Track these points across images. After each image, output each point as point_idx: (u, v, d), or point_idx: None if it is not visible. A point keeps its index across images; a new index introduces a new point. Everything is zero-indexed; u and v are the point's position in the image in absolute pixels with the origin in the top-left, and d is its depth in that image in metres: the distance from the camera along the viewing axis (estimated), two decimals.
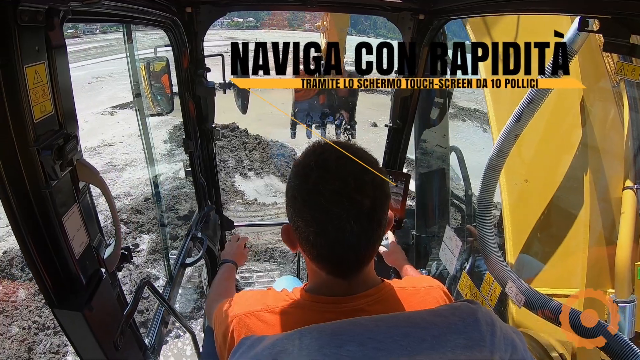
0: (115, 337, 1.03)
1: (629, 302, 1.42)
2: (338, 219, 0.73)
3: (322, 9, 1.78)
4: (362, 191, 0.74)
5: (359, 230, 0.74)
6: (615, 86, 1.71)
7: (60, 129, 0.82)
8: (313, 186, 0.76)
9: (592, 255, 1.60)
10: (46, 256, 0.84)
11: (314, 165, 0.78)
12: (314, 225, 0.76)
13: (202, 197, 2.32)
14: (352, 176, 0.75)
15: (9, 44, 0.67)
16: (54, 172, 0.79)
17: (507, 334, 0.71)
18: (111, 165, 9.63)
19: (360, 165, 0.76)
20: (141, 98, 1.70)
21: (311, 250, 0.80)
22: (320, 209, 0.75)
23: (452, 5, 1.60)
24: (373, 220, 0.76)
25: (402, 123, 2.18)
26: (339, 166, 0.76)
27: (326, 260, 0.80)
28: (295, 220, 0.79)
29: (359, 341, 0.65)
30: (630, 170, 1.55)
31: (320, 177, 0.76)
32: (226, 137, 10.77)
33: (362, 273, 0.84)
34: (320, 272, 0.83)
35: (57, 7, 0.76)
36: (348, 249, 0.76)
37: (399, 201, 1.84)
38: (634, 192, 1.51)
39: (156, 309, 1.72)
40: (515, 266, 1.98)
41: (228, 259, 1.59)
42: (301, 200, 0.77)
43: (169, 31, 1.68)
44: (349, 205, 0.73)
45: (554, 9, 1.11)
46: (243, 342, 0.73)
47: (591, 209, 1.63)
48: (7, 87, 0.68)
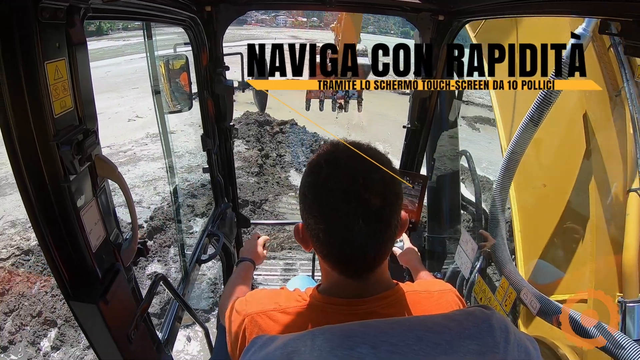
0: (129, 331, 1.04)
1: (637, 302, 1.43)
2: (346, 217, 0.73)
3: (341, 9, 1.78)
4: (371, 189, 0.74)
5: (367, 230, 0.74)
6: (617, 94, 1.72)
7: (80, 125, 0.84)
8: (322, 183, 0.76)
9: (600, 260, 1.60)
10: (63, 249, 0.85)
11: (324, 163, 0.78)
12: (323, 223, 0.76)
13: (219, 194, 2.34)
14: (361, 174, 0.74)
15: (30, 40, 0.68)
16: (73, 166, 0.80)
17: (520, 341, 0.70)
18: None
19: (371, 164, 0.76)
20: (160, 95, 1.72)
21: (321, 249, 0.80)
22: (328, 206, 0.75)
23: (472, 7, 1.58)
24: (382, 220, 0.75)
25: (420, 124, 2.16)
26: (348, 164, 0.76)
27: (336, 259, 0.80)
28: (306, 218, 0.80)
29: (371, 344, 0.65)
30: (633, 173, 1.57)
31: (329, 174, 0.76)
32: (284, 133, 11.10)
33: (375, 274, 0.83)
34: (332, 271, 0.83)
35: (78, 4, 0.77)
36: (357, 248, 0.76)
37: (415, 203, 1.81)
38: (638, 195, 1.53)
39: (170, 304, 1.73)
40: (526, 273, 1.98)
41: (246, 256, 1.59)
42: (311, 198, 0.78)
43: (189, 29, 1.70)
44: (357, 204, 0.73)
45: (574, 12, 1.09)
46: (255, 342, 0.73)
47: (597, 212, 1.64)
48: (28, 82, 0.70)
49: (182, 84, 1.81)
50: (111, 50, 27.14)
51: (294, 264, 5.41)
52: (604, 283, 1.58)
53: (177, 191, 2.16)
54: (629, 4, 0.85)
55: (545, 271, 1.96)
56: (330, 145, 0.82)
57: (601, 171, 1.69)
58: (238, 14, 1.78)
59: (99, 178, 0.93)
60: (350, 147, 0.79)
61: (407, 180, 1.82)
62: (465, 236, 1.81)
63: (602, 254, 1.61)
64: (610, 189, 1.65)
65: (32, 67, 0.69)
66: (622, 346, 1.32)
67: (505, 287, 1.69)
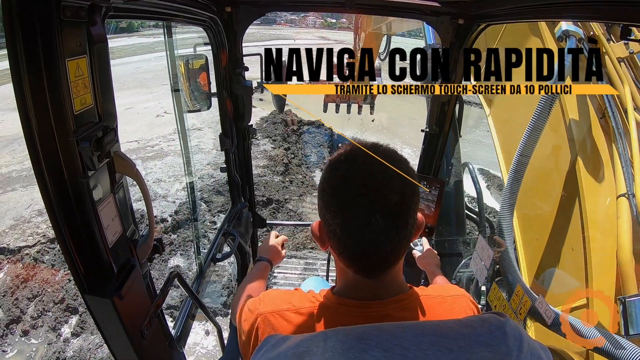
0: (143, 326, 1.06)
1: (637, 297, 1.46)
2: (364, 212, 0.73)
3: (360, 11, 1.77)
4: (390, 186, 0.74)
5: (384, 226, 0.74)
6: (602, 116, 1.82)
7: (100, 122, 0.85)
8: (341, 178, 0.77)
9: (597, 263, 1.65)
10: (80, 244, 0.86)
11: (344, 159, 0.79)
12: (340, 218, 0.76)
13: (236, 194, 2.35)
14: (379, 171, 0.75)
15: (52, 38, 0.69)
16: (92, 162, 0.81)
17: (534, 349, 0.69)
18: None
19: (389, 162, 0.76)
20: (180, 94, 1.74)
21: (337, 245, 0.79)
22: (346, 200, 0.75)
23: (492, 11, 1.55)
24: (399, 217, 0.75)
25: (439, 128, 2.13)
26: (367, 161, 0.77)
27: (352, 256, 0.79)
28: (324, 214, 0.80)
29: (384, 347, 0.64)
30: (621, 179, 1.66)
31: (348, 169, 0.77)
32: (311, 134, 11.33)
33: (389, 275, 0.83)
34: (348, 270, 0.83)
35: (99, 3, 0.79)
36: (373, 245, 0.76)
37: (432, 207, 1.79)
38: (626, 198, 1.60)
39: (184, 301, 1.74)
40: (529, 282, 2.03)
41: (264, 256, 1.58)
42: (329, 192, 0.78)
43: (209, 30, 1.72)
44: (375, 198, 0.73)
45: (596, 17, 1.05)
46: (268, 340, 0.73)
47: (590, 218, 1.72)
48: (49, 79, 0.71)
49: (201, 83, 1.82)
50: (141, 47, 27.80)
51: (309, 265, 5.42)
52: (601, 286, 1.62)
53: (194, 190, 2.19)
54: None
55: (547, 280, 2.01)
56: (349, 145, 0.83)
57: (590, 179, 1.78)
58: (258, 15, 1.78)
59: (117, 175, 0.94)
60: (367, 148, 0.80)
61: (424, 184, 1.80)
62: (481, 242, 1.77)
63: (598, 257, 1.66)
64: (599, 195, 1.73)
65: (54, 64, 0.71)
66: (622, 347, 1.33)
67: (520, 295, 1.66)
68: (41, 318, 4.96)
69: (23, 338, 4.77)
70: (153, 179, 8.70)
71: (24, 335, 4.79)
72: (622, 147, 1.70)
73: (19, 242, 6.27)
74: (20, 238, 6.37)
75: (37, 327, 4.87)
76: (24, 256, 5.90)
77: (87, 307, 0.95)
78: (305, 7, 1.86)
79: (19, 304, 5.06)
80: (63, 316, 4.98)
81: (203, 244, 2.24)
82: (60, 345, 4.64)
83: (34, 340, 4.76)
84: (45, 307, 5.06)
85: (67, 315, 5.01)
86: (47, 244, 6.10)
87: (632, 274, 1.53)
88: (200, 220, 6.68)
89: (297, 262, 5.55)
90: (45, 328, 4.86)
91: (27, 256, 5.89)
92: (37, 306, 5.08)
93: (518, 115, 2.29)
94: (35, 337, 4.78)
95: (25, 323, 4.90)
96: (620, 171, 1.69)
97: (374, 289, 0.83)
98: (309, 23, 71.80)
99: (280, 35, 45.41)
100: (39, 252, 5.98)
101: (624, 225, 1.60)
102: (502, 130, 2.66)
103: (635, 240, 1.57)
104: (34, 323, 4.89)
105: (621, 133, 1.73)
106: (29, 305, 5.11)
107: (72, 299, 5.11)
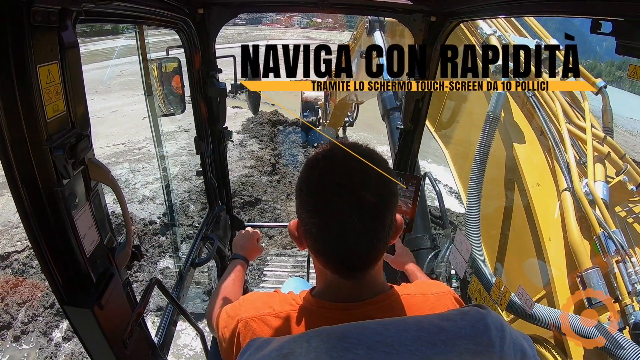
0: (124, 335, 1.04)
1: (592, 269, 1.66)
2: (340, 213, 0.73)
3: (333, 11, 1.77)
4: (367, 186, 0.73)
5: (361, 227, 0.73)
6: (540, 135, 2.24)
7: (73, 128, 0.83)
8: (318, 177, 0.76)
9: (551, 250, 1.89)
10: (57, 254, 0.85)
11: (321, 158, 0.78)
12: (317, 218, 0.75)
13: (213, 197, 2.33)
14: (357, 171, 0.74)
15: (22, 43, 0.68)
16: (66, 170, 0.80)
17: (516, 339, 0.70)
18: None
19: (367, 161, 0.76)
20: (153, 98, 1.72)
21: (314, 245, 0.79)
22: (323, 200, 0.75)
23: (464, 8, 1.58)
24: (376, 218, 0.75)
25: (414, 125, 2.15)
26: (345, 160, 0.76)
27: (329, 256, 0.79)
28: (301, 213, 0.79)
29: (367, 345, 0.65)
30: (561, 178, 1.98)
31: (325, 169, 0.76)
32: (298, 134, 11.38)
33: (368, 275, 0.83)
34: (325, 270, 0.83)
35: (70, 7, 0.77)
36: (349, 245, 0.75)
37: (409, 203, 1.81)
38: (568, 192, 1.91)
39: (166, 308, 1.72)
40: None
41: (239, 253, 1.53)
42: (306, 191, 0.78)
43: (181, 32, 1.69)
44: (351, 199, 0.73)
45: (566, 12, 1.08)
46: (251, 344, 0.73)
47: (539, 212, 2.00)
48: (20, 86, 0.69)
49: (174, 86, 1.80)
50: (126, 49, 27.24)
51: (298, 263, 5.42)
52: (560, 271, 1.82)
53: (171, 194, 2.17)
54: (621, 4, 0.85)
55: (508, 271, 2.27)
56: (328, 144, 0.83)
57: (534, 185, 2.09)
58: (231, 16, 1.77)
59: (92, 182, 0.93)
60: (347, 147, 0.79)
61: (401, 181, 1.82)
62: (459, 237, 1.81)
63: (552, 246, 1.88)
64: (546, 195, 2.03)
65: (25, 70, 0.69)
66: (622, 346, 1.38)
67: (500, 287, 1.70)
68: (32, 323, 4.89)
69: (14, 344, 4.71)
70: (141, 182, 8.60)
71: (15, 341, 4.73)
72: (560, 154, 2.00)
73: (8, 247, 6.14)
74: (8, 244, 6.24)
75: (28, 333, 4.81)
76: (13, 262, 5.81)
77: (67, 318, 0.93)
78: (277, 8, 1.85)
79: (9, 310, 4.99)
80: (54, 321, 4.93)
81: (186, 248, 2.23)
82: (51, 350, 4.58)
83: (25, 345, 4.71)
84: (35, 312, 5.00)
85: (58, 319, 4.95)
86: None
87: (583, 251, 1.72)
88: (183, 225, 6.60)
89: (287, 259, 5.56)
90: (36, 333, 4.79)
91: (16, 262, 5.80)
92: (28, 311, 5.01)
93: (471, 146, 2.51)
94: (27, 343, 4.73)
95: (16, 329, 4.83)
96: (560, 174, 1.97)
97: (352, 290, 0.83)
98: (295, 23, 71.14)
99: (266, 36, 44.86)
100: (27, 257, 5.88)
101: (569, 213, 1.84)
102: (458, 163, 2.98)
103: (581, 226, 1.81)
104: (24, 328, 4.83)
105: (557, 143, 2.04)
106: (19, 310, 5.04)
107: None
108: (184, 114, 1.93)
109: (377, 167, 0.76)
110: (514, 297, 1.69)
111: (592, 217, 1.73)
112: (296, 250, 6.06)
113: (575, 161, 1.95)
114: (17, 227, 6.63)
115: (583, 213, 1.80)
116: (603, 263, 1.67)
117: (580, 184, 1.86)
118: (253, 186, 8.13)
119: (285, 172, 9.25)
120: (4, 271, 5.64)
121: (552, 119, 2.17)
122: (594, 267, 1.66)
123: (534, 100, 2.26)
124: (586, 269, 1.66)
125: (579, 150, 2.04)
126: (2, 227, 6.70)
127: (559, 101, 2.17)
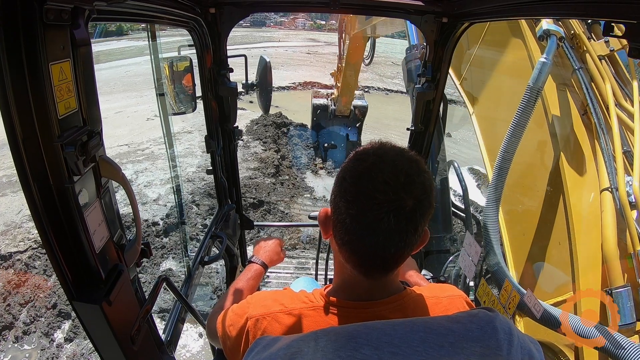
0: (132, 332, 1.05)
1: (623, 288, 1.52)
2: (379, 209, 0.72)
3: (344, 11, 1.77)
4: (410, 190, 0.73)
5: (395, 227, 0.73)
6: (584, 113, 1.91)
7: (84, 126, 0.84)
8: (366, 169, 0.76)
9: (583, 256, 1.70)
10: (67, 250, 0.85)
11: (372, 152, 0.78)
12: (354, 208, 0.75)
13: (222, 196, 2.34)
14: (404, 173, 0.74)
15: (35, 41, 0.68)
16: (77, 167, 0.80)
17: (524, 344, 0.70)
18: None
19: (414, 167, 0.76)
20: (164, 97, 1.72)
21: (344, 236, 0.78)
22: (365, 192, 0.74)
23: (476, 9, 1.56)
24: (411, 222, 0.74)
25: (424, 126, 2.14)
26: (395, 160, 0.76)
27: (356, 249, 0.78)
28: (337, 202, 0.78)
29: (375, 345, 0.65)
30: (604, 174, 1.72)
31: (375, 163, 0.76)
32: (301, 136, 11.30)
33: (386, 278, 0.83)
34: (347, 264, 0.82)
35: (83, 6, 0.77)
36: (380, 242, 0.75)
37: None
38: (609, 192, 1.66)
39: (174, 305, 1.73)
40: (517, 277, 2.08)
41: (260, 258, 1.48)
42: (350, 181, 0.77)
43: (193, 31, 1.70)
44: (393, 198, 0.72)
45: (578, 14, 1.06)
46: (258, 342, 0.73)
47: (575, 212, 1.77)
48: (32, 83, 0.70)
49: (186, 85, 1.81)
50: (131, 50, 27.49)
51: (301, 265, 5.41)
52: (589, 279, 1.66)
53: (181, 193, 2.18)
54: (634, 6, 0.83)
55: (535, 275, 2.05)
56: (379, 141, 0.83)
57: (573, 174, 1.84)
58: (242, 16, 1.77)
59: (103, 179, 0.93)
60: (395, 150, 0.80)
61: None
62: (469, 239, 1.79)
63: (584, 251, 1.70)
64: (583, 190, 1.79)
65: (37, 68, 0.70)
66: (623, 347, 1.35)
67: (509, 290, 1.68)
68: (34, 324, 4.90)
69: (16, 344, 4.71)
70: (144, 183, 8.63)
71: (17, 342, 4.73)
72: (605, 142, 1.74)
73: (10, 247, 6.18)
74: (11, 244, 6.28)
75: (29, 333, 4.82)
76: (15, 262, 5.83)
77: (75, 314, 0.94)
78: (289, 8, 1.85)
79: (11, 310, 5.00)
80: (56, 321, 4.93)
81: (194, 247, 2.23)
82: (53, 351, 4.59)
83: (27, 346, 4.71)
84: (37, 312, 5.01)
85: (60, 320, 4.96)
86: (39, 250, 6.01)
87: (618, 266, 1.56)
88: (192, 223, 6.63)
89: (290, 261, 5.55)
90: (38, 334, 4.80)
91: (19, 262, 5.82)
92: (30, 312, 5.02)
93: (501, 113, 2.34)
94: (28, 343, 4.73)
95: (17, 329, 4.84)
96: (603, 166, 1.72)
97: (369, 289, 0.83)
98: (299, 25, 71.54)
99: (270, 37, 45.16)
100: (30, 257, 5.91)
101: (608, 219, 1.63)
102: (486, 128, 2.70)
103: (620, 232, 1.60)
104: (26, 329, 4.84)
105: (603, 128, 1.77)
106: (22, 311, 5.05)
107: (65, 304, 5.05)
108: (188, 114, 1.93)
109: (422, 176, 0.76)
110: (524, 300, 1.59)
111: (633, 229, 1.53)
112: (300, 252, 6.06)
113: (622, 156, 1.67)
114: (19, 227, 6.66)
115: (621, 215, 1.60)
116: (636, 282, 1.53)
117: (624, 183, 1.61)
118: (257, 188, 8.15)
119: (288, 174, 9.24)
120: (7, 271, 5.63)
121: (599, 99, 1.87)
122: (625, 285, 1.54)
123: (580, 74, 1.94)
124: (618, 287, 1.54)
125: (623, 140, 1.74)
126: (5, 227, 6.73)
127: (610, 82, 1.86)
